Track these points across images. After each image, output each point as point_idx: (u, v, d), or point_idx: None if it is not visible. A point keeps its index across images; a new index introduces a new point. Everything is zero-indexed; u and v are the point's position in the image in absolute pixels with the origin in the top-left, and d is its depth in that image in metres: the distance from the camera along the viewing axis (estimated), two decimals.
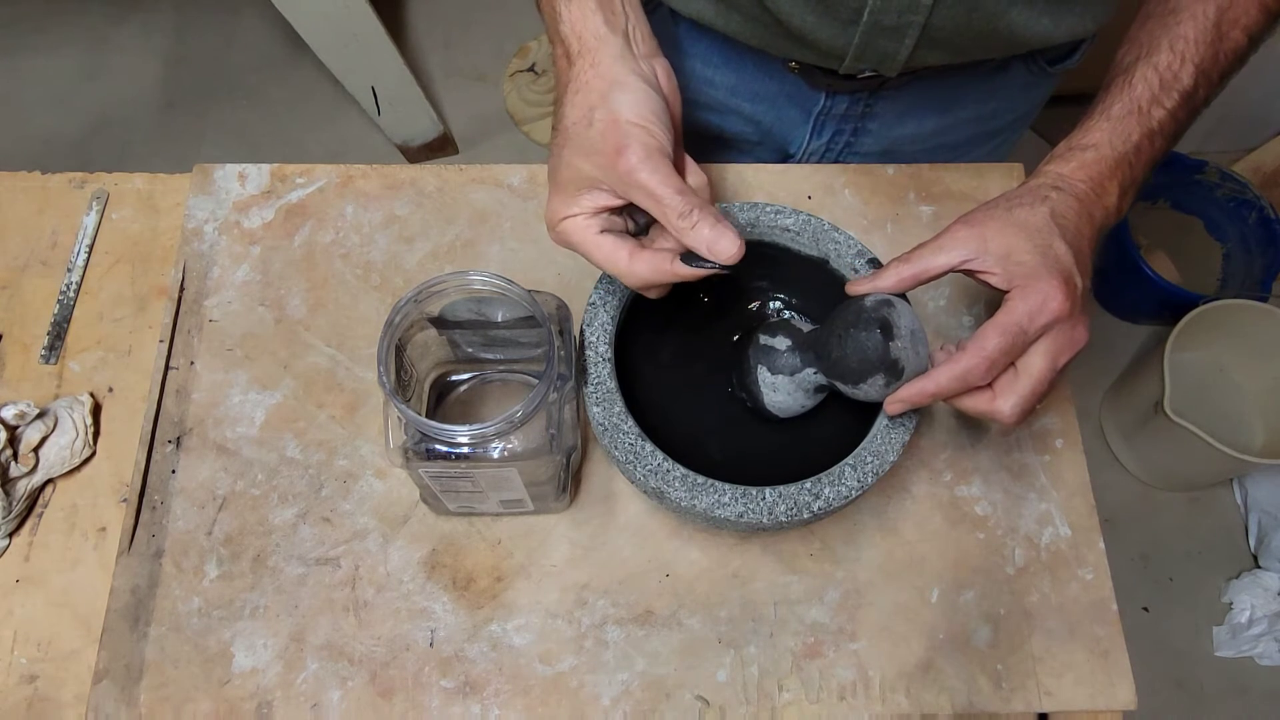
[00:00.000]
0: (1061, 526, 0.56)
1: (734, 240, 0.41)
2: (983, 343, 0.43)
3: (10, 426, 0.54)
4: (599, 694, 0.51)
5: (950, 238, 0.46)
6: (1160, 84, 0.49)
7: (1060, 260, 0.44)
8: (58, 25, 1.79)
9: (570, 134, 0.43)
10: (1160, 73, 0.49)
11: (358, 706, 0.50)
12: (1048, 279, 0.43)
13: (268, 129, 1.71)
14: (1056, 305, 0.43)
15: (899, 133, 0.69)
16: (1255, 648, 1.30)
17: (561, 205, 0.44)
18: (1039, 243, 0.45)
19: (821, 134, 0.69)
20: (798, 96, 0.66)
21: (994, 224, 0.46)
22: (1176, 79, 0.49)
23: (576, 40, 0.45)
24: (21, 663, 0.51)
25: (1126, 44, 0.52)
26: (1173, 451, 1.31)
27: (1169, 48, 0.49)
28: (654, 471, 0.45)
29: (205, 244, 0.62)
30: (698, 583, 0.54)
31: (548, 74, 1.71)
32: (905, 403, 0.45)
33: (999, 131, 0.73)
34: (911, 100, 0.66)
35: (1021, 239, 0.45)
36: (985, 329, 0.44)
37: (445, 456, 0.44)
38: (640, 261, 0.43)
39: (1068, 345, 0.45)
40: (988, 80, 0.66)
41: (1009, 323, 0.43)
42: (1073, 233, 0.46)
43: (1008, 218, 0.46)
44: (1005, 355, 0.44)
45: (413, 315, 0.45)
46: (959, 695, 0.52)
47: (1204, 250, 1.51)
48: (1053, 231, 0.45)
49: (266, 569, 0.53)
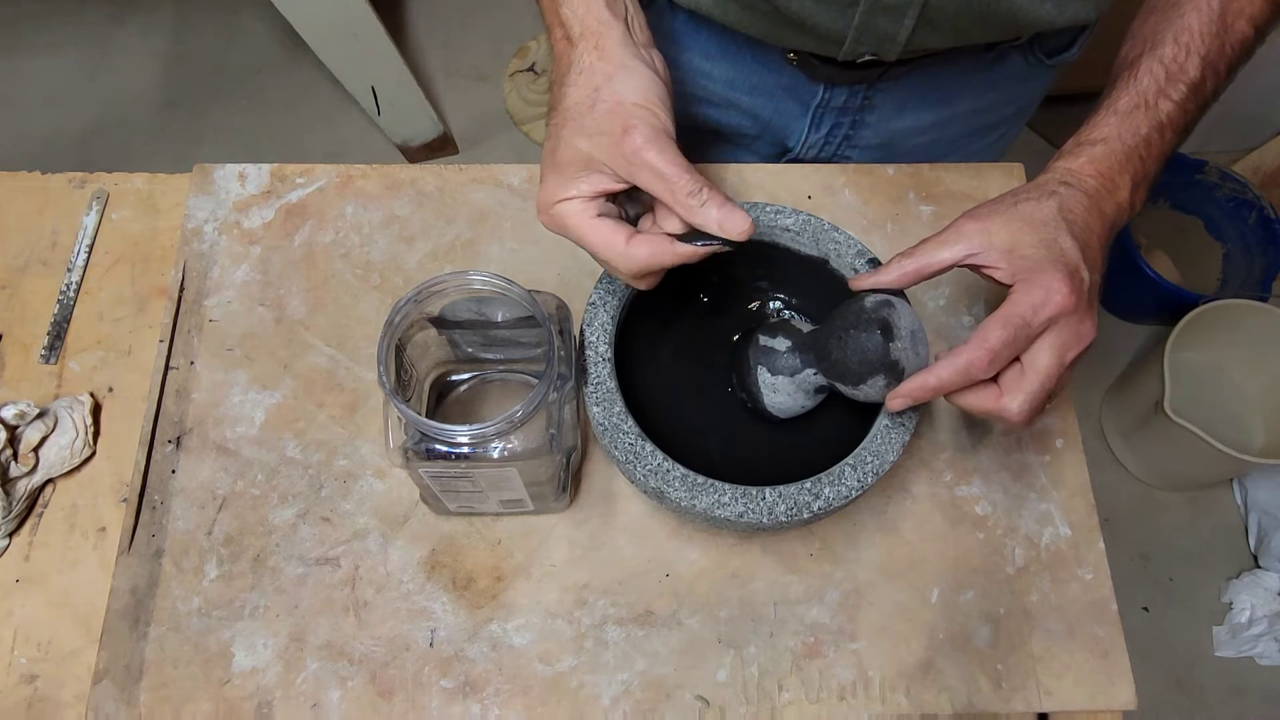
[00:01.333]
0: (1061, 526, 0.56)
1: (744, 217, 0.41)
2: (985, 335, 0.42)
3: (10, 426, 0.54)
4: (599, 694, 0.51)
5: (954, 232, 0.45)
6: (1166, 76, 0.48)
7: (1066, 254, 0.44)
8: (58, 25, 1.79)
9: (571, 114, 0.43)
10: (1165, 65, 0.48)
11: (358, 706, 0.50)
12: (1052, 272, 0.43)
13: (268, 129, 1.71)
14: (1060, 299, 0.42)
15: (898, 125, 0.69)
16: (1255, 648, 1.30)
17: (558, 187, 0.44)
18: (1044, 237, 0.44)
19: (820, 127, 0.69)
20: (796, 89, 0.66)
21: (999, 218, 0.45)
22: (1182, 70, 0.48)
23: (578, 23, 0.45)
24: (21, 663, 0.51)
25: (1130, 40, 0.52)
26: (1173, 451, 1.31)
27: (1173, 40, 0.49)
28: (654, 471, 0.45)
29: (205, 244, 0.62)
30: (698, 583, 0.54)
31: (548, 74, 1.71)
32: (907, 397, 0.44)
33: (997, 125, 0.73)
34: (910, 92, 0.66)
35: (1027, 233, 0.44)
36: (987, 321, 0.43)
37: (445, 456, 0.44)
38: (639, 244, 0.43)
39: (1075, 340, 0.43)
40: (986, 71, 0.66)
41: (1011, 314, 0.42)
42: (1081, 227, 0.45)
43: (1013, 212, 0.45)
44: (1008, 348, 0.43)
45: (413, 315, 0.45)
46: (959, 695, 0.52)
47: (1204, 250, 1.51)
48: (1060, 226, 0.44)
49: (266, 569, 0.53)
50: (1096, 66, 0.59)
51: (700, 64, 0.67)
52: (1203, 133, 1.79)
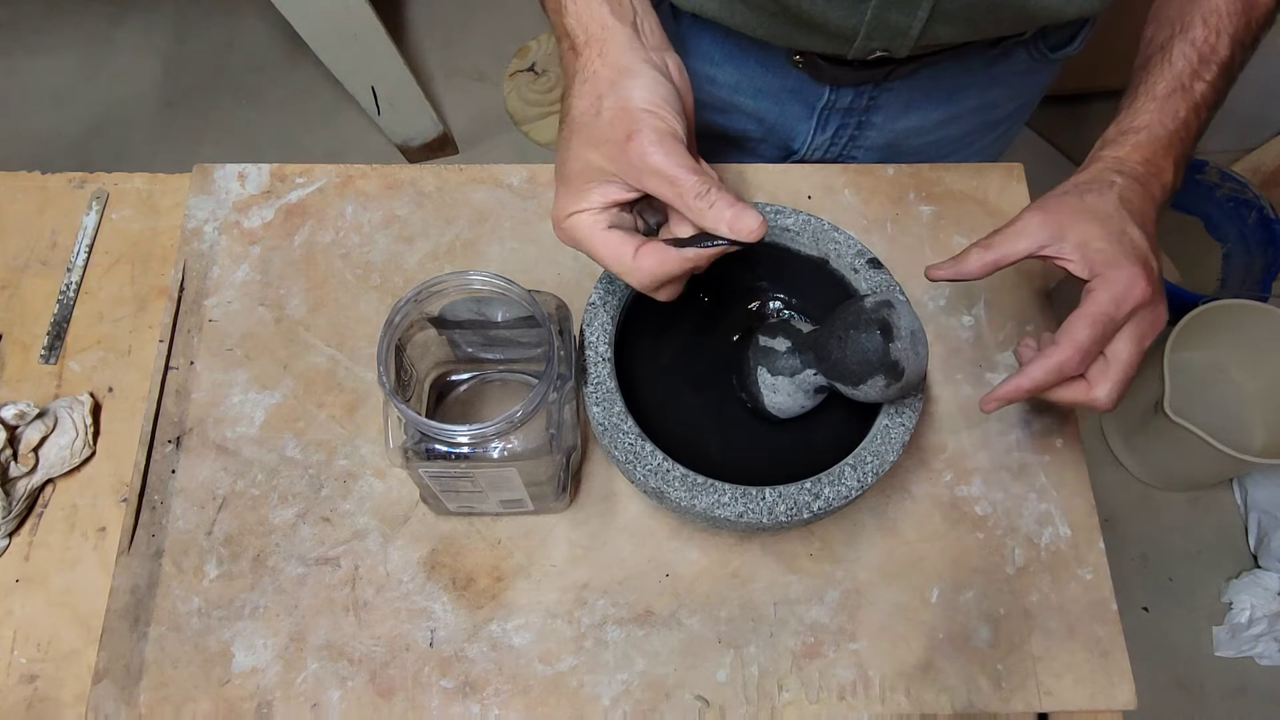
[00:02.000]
0: (1061, 526, 0.56)
1: (755, 216, 0.40)
2: (1074, 334, 0.44)
3: (10, 426, 0.54)
4: (599, 694, 0.51)
5: (1027, 223, 0.46)
6: (1199, 58, 0.50)
7: (1136, 245, 0.46)
8: (58, 25, 1.79)
9: (578, 124, 0.42)
10: (1198, 47, 0.50)
11: (357, 706, 0.50)
12: (1129, 266, 0.44)
13: (268, 129, 1.71)
14: (1140, 291, 0.44)
15: (903, 125, 0.69)
16: (1255, 648, 1.30)
17: (569, 201, 0.43)
18: (1113, 229, 0.46)
19: (825, 129, 0.69)
20: (801, 91, 0.66)
21: (1067, 211, 0.46)
22: (1214, 51, 0.50)
23: (583, 31, 0.44)
24: (21, 663, 0.51)
25: (1154, 22, 0.53)
26: (1173, 451, 1.31)
27: (1202, 22, 0.50)
28: (654, 471, 0.45)
29: (205, 244, 0.62)
30: (698, 583, 0.54)
31: (547, 74, 1.71)
32: (1001, 400, 0.46)
33: (1001, 122, 0.73)
34: (914, 91, 0.66)
35: (1095, 226, 0.46)
36: (1074, 320, 0.45)
37: (445, 456, 0.44)
38: (645, 255, 0.42)
39: (1151, 328, 0.46)
40: (991, 68, 0.66)
41: (1098, 313, 0.44)
42: (1139, 215, 0.47)
43: (1080, 204, 0.47)
44: (1097, 344, 0.45)
45: (413, 315, 0.45)
46: (959, 695, 0.52)
47: (1204, 250, 1.51)
48: (1124, 217, 0.46)
49: (266, 569, 0.53)
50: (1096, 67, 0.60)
51: (705, 69, 0.67)
52: None
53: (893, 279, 0.51)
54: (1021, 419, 0.59)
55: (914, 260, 0.63)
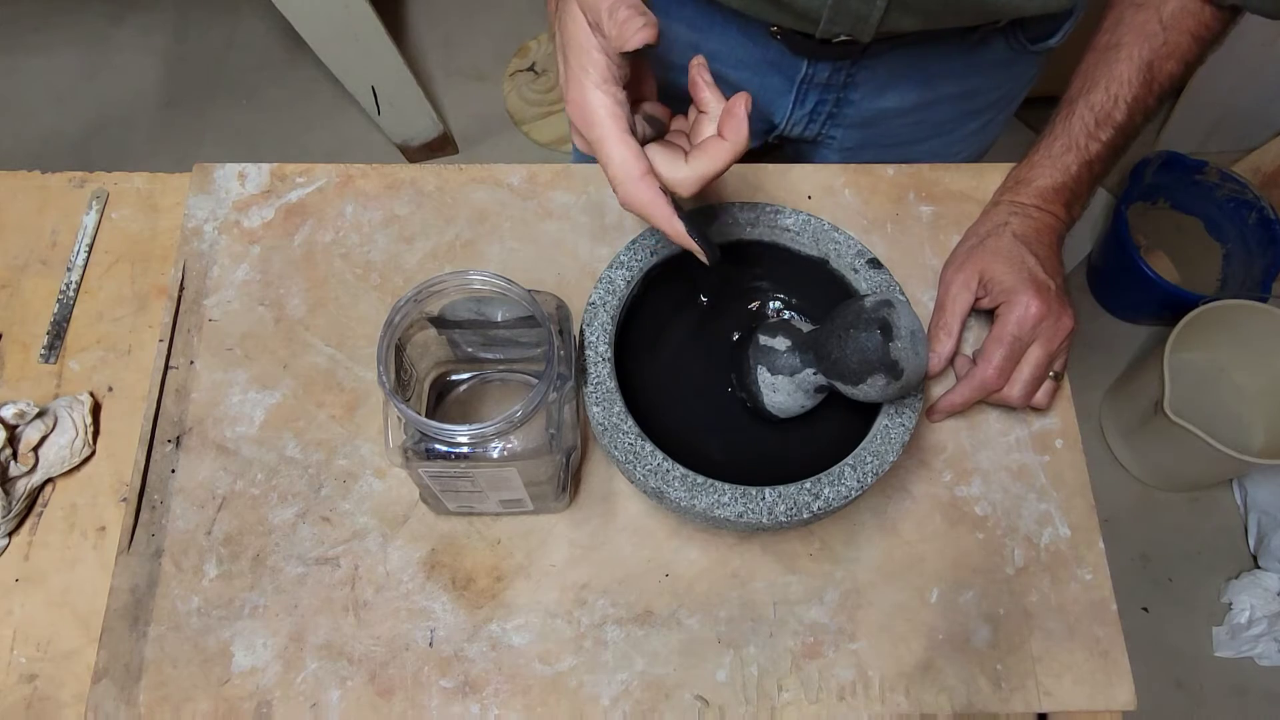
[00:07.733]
0: (1061, 526, 0.56)
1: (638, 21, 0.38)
2: (989, 356, 0.54)
3: (10, 426, 0.53)
4: (598, 694, 0.51)
5: (951, 286, 0.57)
6: (1095, 122, 0.57)
7: (1032, 271, 0.55)
8: (58, 25, 1.79)
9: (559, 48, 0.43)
10: (1095, 112, 0.57)
11: (357, 706, 0.50)
12: (1025, 291, 0.54)
13: (268, 129, 1.71)
14: (1036, 309, 0.54)
15: (881, 105, 0.71)
16: (1255, 648, 1.30)
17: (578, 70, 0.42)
18: (1014, 261, 0.55)
19: (804, 103, 0.71)
20: (781, 64, 0.68)
21: (975, 261, 0.56)
22: (1110, 116, 0.57)
23: None
24: (21, 662, 0.51)
25: (1076, 74, 0.60)
26: (1173, 451, 1.31)
27: (1104, 88, 0.57)
28: (654, 471, 0.45)
29: (205, 243, 0.62)
30: (697, 583, 0.54)
31: (547, 73, 1.71)
32: (943, 413, 0.57)
33: (982, 111, 0.74)
34: (891, 71, 0.68)
35: (998, 263, 0.55)
36: (987, 344, 0.55)
37: (445, 456, 0.44)
38: (646, 189, 0.42)
39: (1056, 334, 0.55)
40: (968, 55, 0.67)
41: (1004, 334, 0.54)
42: (1034, 242, 0.56)
43: (981, 250, 0.57)
44: (1010, 361, 0.54)
45: (412, 315, 0.45)
46: (958, 695, 0.52)
47: (1204, 250, 1.51)
48: (1022, 249, 0.56)
49: (266, 569, 0.53)
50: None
51: (688, 36, 0.68)
52: (1202, 133, 1.78)
53: (893, 279, 0.51)
54: (1022, 419, 0.59)
55: (914, 260, 0.63)
